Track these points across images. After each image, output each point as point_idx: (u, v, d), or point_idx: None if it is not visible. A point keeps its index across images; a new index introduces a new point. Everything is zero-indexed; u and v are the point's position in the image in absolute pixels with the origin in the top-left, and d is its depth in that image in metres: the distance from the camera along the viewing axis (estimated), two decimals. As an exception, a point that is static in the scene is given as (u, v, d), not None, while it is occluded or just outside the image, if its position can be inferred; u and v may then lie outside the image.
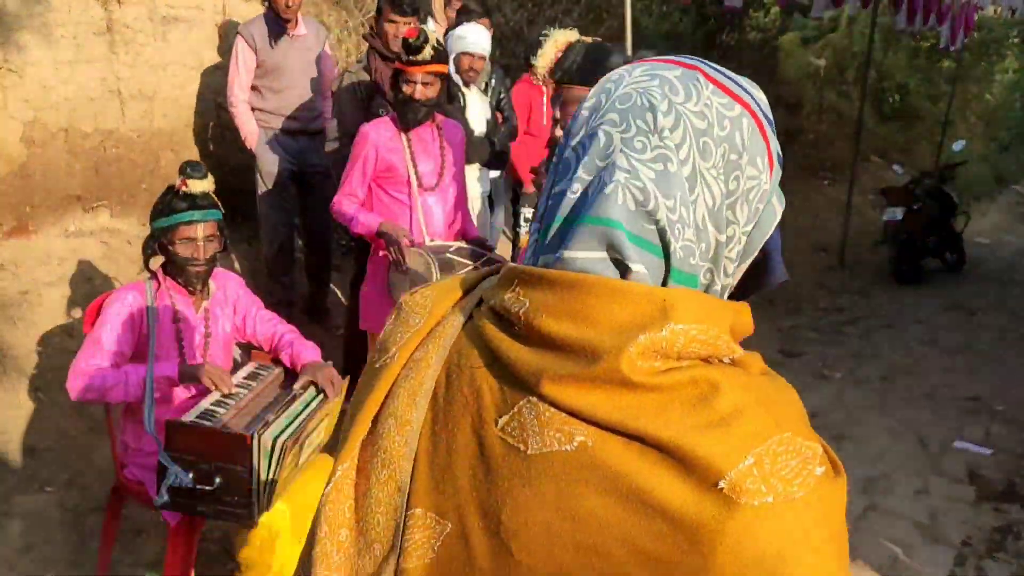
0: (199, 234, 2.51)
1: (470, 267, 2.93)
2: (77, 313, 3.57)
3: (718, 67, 0.75)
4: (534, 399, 0.68)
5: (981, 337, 6.23)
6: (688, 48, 8.26)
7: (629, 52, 5.17)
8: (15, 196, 3.74)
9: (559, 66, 1.80)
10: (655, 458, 0.64)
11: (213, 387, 2.45)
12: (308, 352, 2.65)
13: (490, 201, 4.20)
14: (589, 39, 1.91)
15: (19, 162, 3.73)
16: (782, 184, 0.78)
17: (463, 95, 3.88)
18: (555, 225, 0.73)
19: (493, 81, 4.35)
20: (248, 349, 2.90)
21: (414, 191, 3.10)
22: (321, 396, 2.52)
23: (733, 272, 0.74)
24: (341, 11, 5.72)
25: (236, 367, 2.72)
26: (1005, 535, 3.58)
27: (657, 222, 0.69)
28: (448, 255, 2.93)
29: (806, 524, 0.63)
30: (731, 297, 0.76)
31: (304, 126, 4.29)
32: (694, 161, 0.70)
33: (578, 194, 0.72)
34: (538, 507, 0.67)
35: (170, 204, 2.51)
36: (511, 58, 6.64)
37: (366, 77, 3.70)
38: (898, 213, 7.61)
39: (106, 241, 4.02)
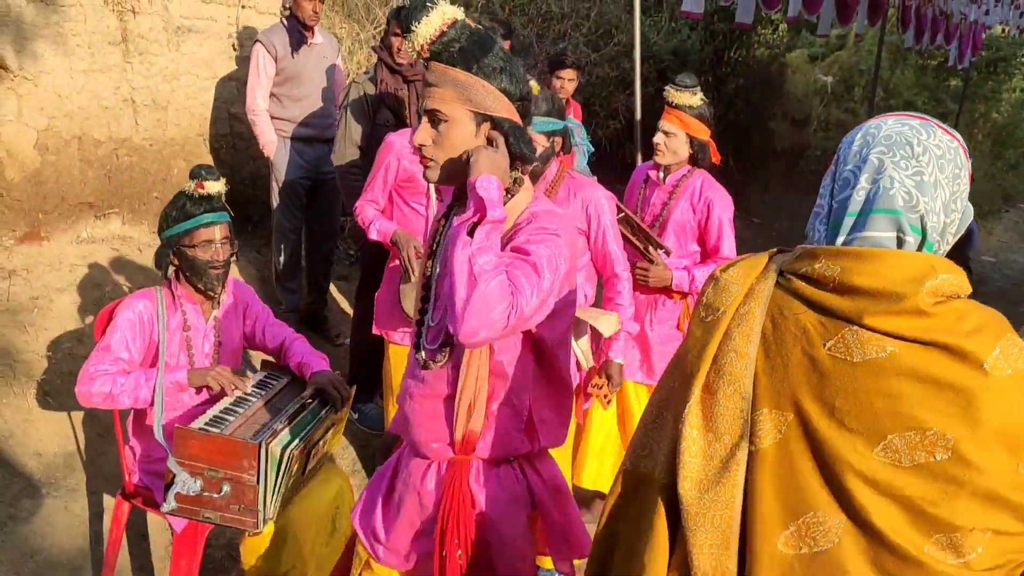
0: (216, 236, 2.51)
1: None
2: (87, 319, 3.59)
3: (937, 120, 1.19)
4: (855, 327, 1.09)
5: (987, 355, 6.19)
6: (696, 64, 8.29)
7: (638, 67, 5.20)
8: (28, 202, 3.77)
9: (440, 39, 1.60)
10: (940, 354, 1.06)
11: (222, 388, 2.46)
12: (317, 361, 2.66)
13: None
14: (472, 23, 1.71)
15: (33, 169, 3.77)
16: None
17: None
18: (846, 218, 1.17)
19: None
20: (260, 358, 2.91)
21: (432, 202, 3.12)
22: (328, 406, 2.53)
23: (950, 242, 1.20)
24: (353, 23, 5.76)
25: (245, 376, 2.73)
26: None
27: (918, 212, 1.14)
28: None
29: None
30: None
31: (319, 133, 4.32)
32: (935, 173, 1.14)
33: (862, 197, 1.16)
34: (864, 393, 1.08)
35: (184, 209, 2.51)
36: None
37: (372, 88, 3.72)
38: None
39: (117, 248, 4.05)
